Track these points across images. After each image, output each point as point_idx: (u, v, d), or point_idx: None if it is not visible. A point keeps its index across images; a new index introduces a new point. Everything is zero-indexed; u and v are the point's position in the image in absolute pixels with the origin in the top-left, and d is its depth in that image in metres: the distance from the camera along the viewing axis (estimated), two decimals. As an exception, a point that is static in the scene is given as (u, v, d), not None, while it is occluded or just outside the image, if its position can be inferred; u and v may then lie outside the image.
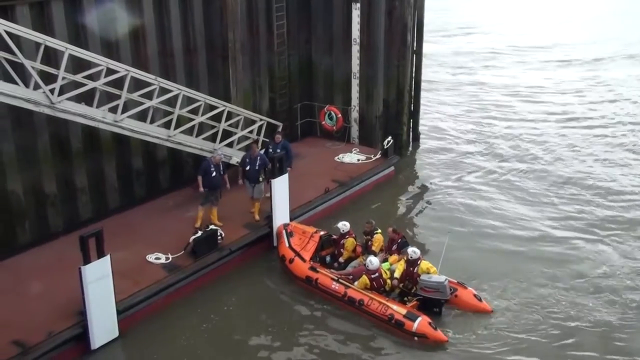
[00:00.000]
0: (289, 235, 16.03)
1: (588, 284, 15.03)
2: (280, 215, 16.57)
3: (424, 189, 20.76)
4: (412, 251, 14.06)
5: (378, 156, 20.96)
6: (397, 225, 17.84)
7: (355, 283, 14.10)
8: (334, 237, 15.82)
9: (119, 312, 13.11)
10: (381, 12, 20.93)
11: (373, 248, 15.11)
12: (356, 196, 19.56)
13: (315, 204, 18.21)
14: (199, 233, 15.30)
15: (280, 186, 16.37)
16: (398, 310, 13.31)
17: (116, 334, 13.12)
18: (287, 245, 15.78)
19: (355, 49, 21.47)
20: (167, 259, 15.01)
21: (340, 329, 13.70)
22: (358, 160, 20.93)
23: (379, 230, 15.38)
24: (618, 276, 15.37)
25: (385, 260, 14.85)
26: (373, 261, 13.91)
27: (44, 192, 15.75)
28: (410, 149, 23.38)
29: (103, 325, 12.81)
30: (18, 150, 15.05)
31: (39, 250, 15.41)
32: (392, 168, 21.20)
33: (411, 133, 23.45)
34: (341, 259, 15.47)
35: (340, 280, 14.34)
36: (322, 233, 15.92)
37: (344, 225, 15.50)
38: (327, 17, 21.88)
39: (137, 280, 14.14)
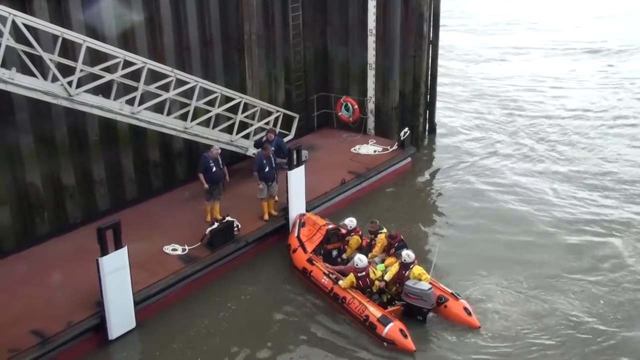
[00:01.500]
0: (301, 225, 16.07)
1: (597, 302, 14.15)
2: (297, 207, 16.59)
3: (439, 181, 20.66)
4: (406, 254, 13.65)
5: (395, 147, 20.90)
6: (410, 218, 17.98)
7: (340, 282, 13.93)
8: (342, 231, 15.60)
9: (136, 303, 13.22)
10: (397, 2, 20.78)
11: (376, 248, 14.90)
12: (373, 188, 19.52)
13: (331, 195, 18.20)
14: (216, 225, 15.36)
15: (297, 178, 16.39)
16: (374, 312, 13.06)
17: (133, 324, 13.23)
18: (295, 235, 15.84)
19: (371, 40, 21.38)
20: (183, 250, 15.09)
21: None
22: (375, 151, 20.89)
23: (384, 230, 15.10)
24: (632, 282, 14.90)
25: (383, 261, 14.62)
26: (362, 259, 13.73)
27: (63, 183, 15.90)
28: (427, 140, 23.27)
29: (120, 315, 12.92)
30: (37, 142, 15.20)
31: (57, 241, 15.56)
32: (409, 159, 21.14)
33: (427, 124, 23.36)
34: (344, 255, 15.35)
35: (330, 275, 14.32)
36: (330, 226, 15.79)
37: (350, 222, 15.32)
38: (343, 7, 21.79)
39: (154, 271, 14.24)
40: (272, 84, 20.92)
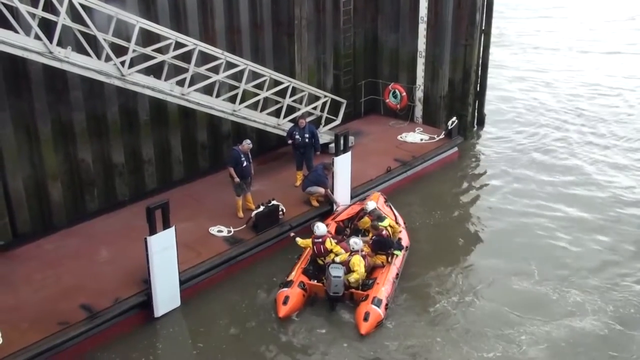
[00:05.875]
0: (362, 199, 16.53)
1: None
2: (342, 193, 16.62)
3: (485, 174, 20.34)
4: (354, 242, 13.82)
5: (442, 137, 20.69)
6: (449, 209, 17.90)
7: (298, 239, 14.48)
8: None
9: (181, 282, 13.39)
10: (450, -10, 20.52)
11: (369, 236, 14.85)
12: (418, 176, 19.39)
13: (376, 182, 18.11)
14: (261, 208, 15.45)
15: (343, 164, 16.38)
16: (292, 275, 13.77)
17: (178, 303, 13.42)
18: (347, 205, 16.51)
19: (422, 27, 21.12)
20: (229, 231, 15.24)
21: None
22: (421, 140, 20.71)
23: (384, 222, 14.68)
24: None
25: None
26: (320, 227, 14.13)
27: (112, 161, 16.17)
28: (475, 131, 22.97)
29: (166, 294, 13.12)
30: (89, 120, 15.47)
31: (106, 218, 15.87)
32: (456, 149, 20.92)
33: (476, 114, 23.05)
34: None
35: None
36: (367, 208, 15.74)
37: (368, 204, 15.46)
38: (395, -6, 21.59)
39: (200, 251, 14.43)
40: (320, 69, 20.87)
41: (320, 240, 14.02)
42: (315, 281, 13.76)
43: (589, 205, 18.04)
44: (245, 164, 15.57)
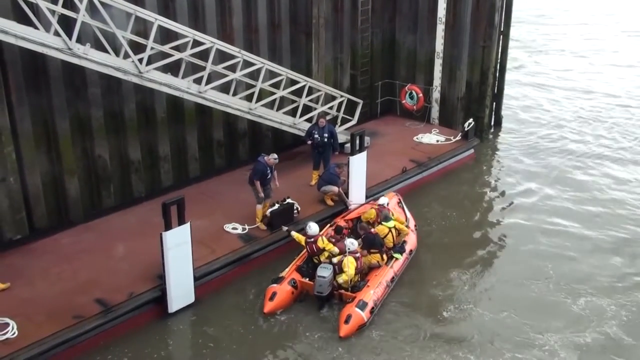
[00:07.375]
0: (376, 199, 16.37)
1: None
2: (356, 193, 16.61)
3: (501, 177, 20.24)
4: (350, 242, 13.72)
5: (458, 138, 20.62)
6: (463, 212, 17.74)
7: (293, 233, 14.55)
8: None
9: (195, 279, 13.45)
10: (469, -9, 20.45)
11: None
12: (433, 177, 19.33)
13: (391, 183, 18.10)
14: (276, 206, 15.49)
15: (358, 164, 16.37)
16: (285, 271, 13.90)
17: (192, 299, 13.48)
18: (361, 204, 16.44)
19: (440, 28, 21.05)
20: (243, 229, 15.29)
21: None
22: (437, 141, 20.65)
23: (387, 223, 14.72)
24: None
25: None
26: (312, 227, 14.12)
27: (129, 158, 16.28)
28: (492, 132, 22.87)
29: (180, 290, 13.18)
30: (106, 116, 15.58)
31: (122, 214, 15.97)
32: (472, 151, 20.84)
33: (493, 116, 22.96)
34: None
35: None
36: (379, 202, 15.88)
37: (380, 200, 15.54)
38: (413, -6, 21.54)
39: (214, 248, 14.49)
40: (337, 69, 20.87)
41: (312, 239, 14.03)
42: (308, 279, 13.76)
43: (605, 212, 17.82)
44: (269, 176, 15.51)
